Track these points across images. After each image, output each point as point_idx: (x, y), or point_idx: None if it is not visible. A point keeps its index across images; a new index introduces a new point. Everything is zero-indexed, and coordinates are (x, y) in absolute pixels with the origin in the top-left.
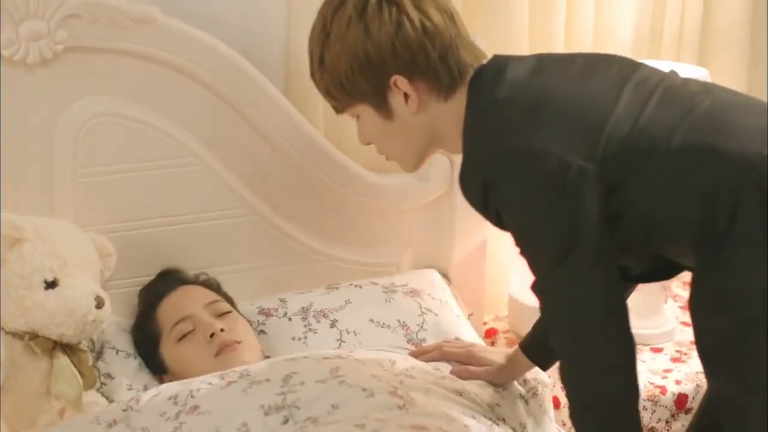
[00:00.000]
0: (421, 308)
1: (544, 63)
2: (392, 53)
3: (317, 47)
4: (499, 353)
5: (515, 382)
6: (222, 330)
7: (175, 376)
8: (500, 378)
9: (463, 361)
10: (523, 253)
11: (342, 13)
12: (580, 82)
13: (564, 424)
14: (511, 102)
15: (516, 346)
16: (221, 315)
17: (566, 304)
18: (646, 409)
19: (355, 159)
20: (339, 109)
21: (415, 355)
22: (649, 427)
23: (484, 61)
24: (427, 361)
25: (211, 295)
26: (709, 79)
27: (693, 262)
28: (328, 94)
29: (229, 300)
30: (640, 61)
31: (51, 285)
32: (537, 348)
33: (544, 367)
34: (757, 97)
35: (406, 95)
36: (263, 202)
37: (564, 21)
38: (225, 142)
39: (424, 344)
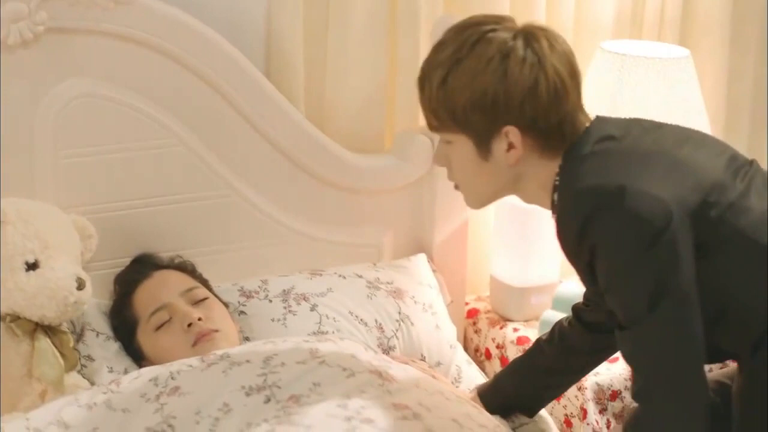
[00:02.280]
0: (400, 313)
1: (642, 124)
2: (519, 107)
3: (442, 69)
4: (462, 392)
5: None
6: (199, 319)
7: (154, 364)
8: None
9: None
10: (613, 297)
11: (484, 48)
12: (682, 144)
13: None
14: (614, 151)
15: (475, 392)
16: (198, 302)
17: (656, 351)
18: (628, 389)
19: (336, 140)
20: (436, 129)
21: None
22: (631, 406)
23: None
24: None
25: (187, 282)
26: (691, 60)
27: (748, 356)
28: (433, 113)
29: (205, 283)
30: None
31: (32, 267)
32: (496, 399)
33: (495, 412)
34: None
35: (511, 145)
36: (244, 184)
37: (545, 0)
38: (206, 123)
39: (393, 352)
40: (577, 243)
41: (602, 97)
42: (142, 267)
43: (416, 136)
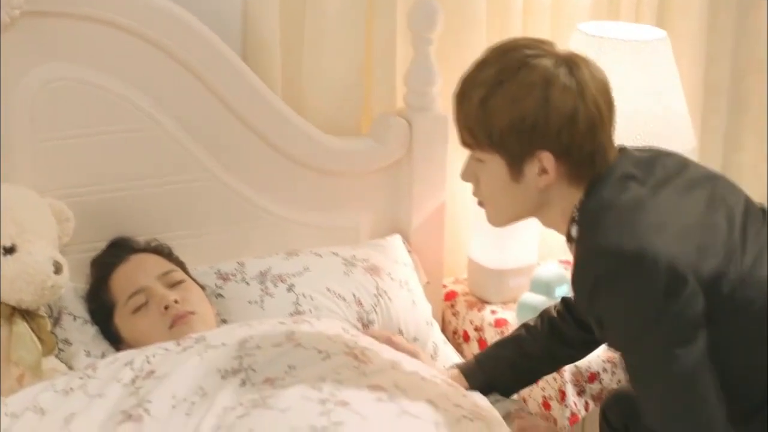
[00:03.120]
0: (377, 288)
1: (665, 164)
2: (556, 134)
3: (482, 89)
4: (439, 367)
5: None
6: (176, 302)
7: (131, 347)
8: None
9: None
10: (623, 355)
11: (527, 74)
12: (704, 199)
13: None
14: (635, 202)
15: (457, 369)
16: (174, 285)
17: (668, 413)
18: (606, 371)
19: (313, 123)
20: (469, 146)
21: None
22: (609, 388)
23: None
24: None
25: (164, 265)
26: (668, 42)
27: (740, 424)
28: (469, 131)
29: (181, 266)
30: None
31: (9, 251)
32: (478, 378)
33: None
34: None
35: (543, 169)
36: (221, 167)
37: None
38: (183, 106)
39: (372, 326)
40: (588, 299)
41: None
42: (118, 251)
43: (393, 119)
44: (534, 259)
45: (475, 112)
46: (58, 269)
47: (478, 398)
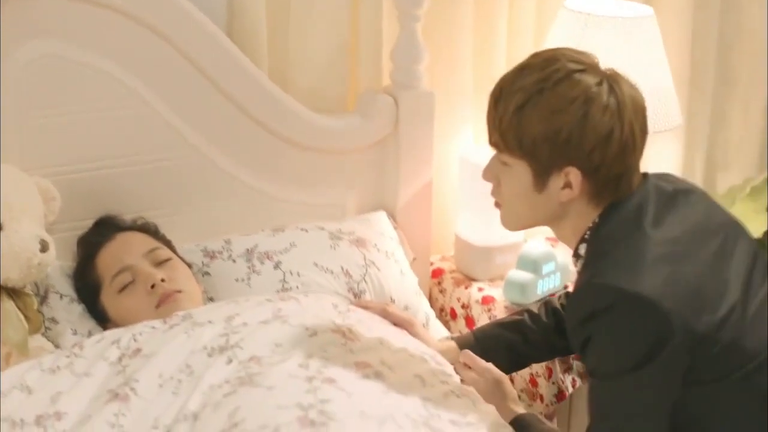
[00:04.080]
0: (365, 259)
1: (679, 208)
2: (588, 152)
3: (522, 94)
4: (434, 340)
5: None
6: (163, 280)
7: (118, 326)
8: None
9: (400, 326)
10: (594, 377)
11: (568, 87)
12: (715, 249)
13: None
14: (643, 243)
15: (453, 339)
16: (161, 263)
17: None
18: None
19: (299, 100)
20: (497, 148)
21: (358, 306)
22: None
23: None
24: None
25: (150, 243)
26: (655, 19)
27: None
28: (500, 133)
29: (168, 244)
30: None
31: None
32: (474, 353)
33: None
34: None
35: (568, 184)
36: (207, 144)
37: None
38: (169, 84)
39: (364, 295)
40: (578, 326)
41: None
42: (104, 229)
43: (380, 96)
44: (520, 237)
45: (511, 117)
46: (44, 247)
47: None
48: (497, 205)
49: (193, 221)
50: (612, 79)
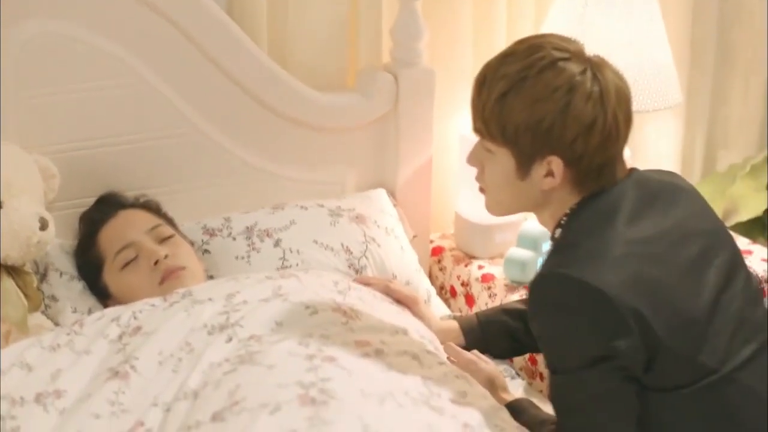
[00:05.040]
0: (365, 236)
1: (660, 207)
2: (570, 142)
3: (504, 83)
4: (436, 318)
5: None
6: (166, 257)
7: (120, 303)
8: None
9: (403, 303)
10: (551, 367)
11: (552, 76)
12: (688, 267)
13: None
14: (612, 244)
15: (455, 319)
16: (164, 240)
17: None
18: None
19: (298, 77)
20: (481, 135)
21: (360, 282)
22: None
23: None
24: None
25: (153, 220)
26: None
27: None
28: (483, 121)
29: (170, 222)
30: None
31: None
32: (477, 338)
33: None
34: None
35: (550, 172)
36: (207, 122)
37: None
38: (168, 61)
39: (364, 272)
40: (536, 314)
41: (564, 35)
42: (107, 206)
43: (379, 73)
44: (520, 215)
45: (493, 105)
46: (43, 225)
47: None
48: (482, 190)
49: (193, 199)
50: (596, 68)
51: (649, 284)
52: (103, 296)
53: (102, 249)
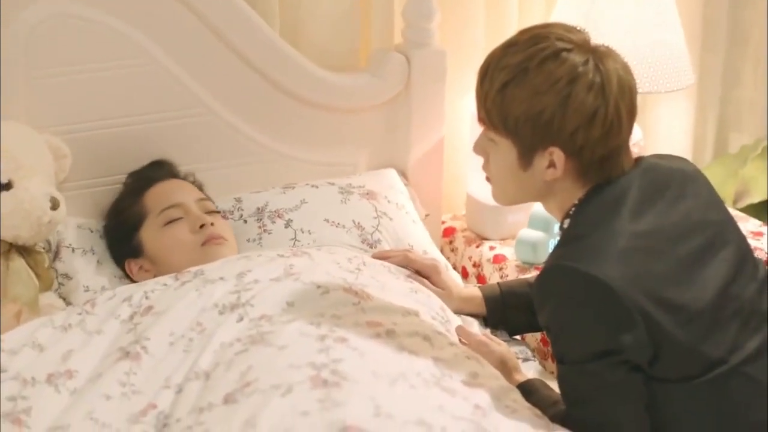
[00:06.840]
0: (376, 211)
1: (667, 197)
2: (571, 134)
3: (506, 73)
4: (458, 286)
5: None
6: (212, 224)
7: (152, 261)
8: (447, 306)
9: (423, 273)
10: (559, 358)
11: (554, 67)
12: (692, 261)
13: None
14: (618, 237)
15: (478, 290)
16: (209, 213)
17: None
18: None
19: (310, 58)
20: (484, 124)
21: (377, 257)
22: None
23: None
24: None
25: (201, 194)
26: None
27: None
28: (486, 111)
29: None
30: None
31: (5, 187)
32: (498, 308)
33: (492, 323)
34: None
35: (552, 163)
36: (218, 102)
37: None
38: (179, 41)
39: (379, 246)
40: (542, 306)
41: (576, 15)
42: (160, 169)
43: (391, 54)
44: None
45: (494, 96)
46: (54, 205)
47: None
48: (488, 179)
49: (204, 180)
50: (600, 58)
51: (653, 278)
52: (131, 254)
53: (147, 205)
